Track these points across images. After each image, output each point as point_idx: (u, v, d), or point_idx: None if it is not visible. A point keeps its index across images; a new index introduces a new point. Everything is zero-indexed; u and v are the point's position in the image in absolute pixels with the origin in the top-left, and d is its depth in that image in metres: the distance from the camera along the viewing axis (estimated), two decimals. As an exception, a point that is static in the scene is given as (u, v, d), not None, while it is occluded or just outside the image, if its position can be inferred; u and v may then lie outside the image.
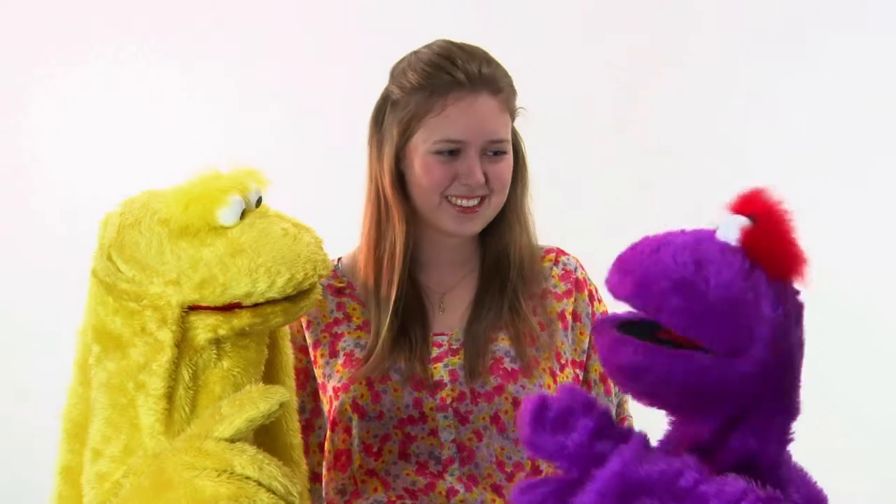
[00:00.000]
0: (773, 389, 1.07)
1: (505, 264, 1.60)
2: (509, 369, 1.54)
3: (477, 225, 1.55)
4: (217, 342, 1.25)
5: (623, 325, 1.14)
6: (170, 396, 1.22)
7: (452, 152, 1.51)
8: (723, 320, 1.03)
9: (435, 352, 1.57)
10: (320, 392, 1.62)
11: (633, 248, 1.12)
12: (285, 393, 1.22)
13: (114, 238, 1.28)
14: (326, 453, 1.60)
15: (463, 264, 1.63)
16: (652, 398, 1.13)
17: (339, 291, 1.65)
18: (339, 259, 1.69)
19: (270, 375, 1.40)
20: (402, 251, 1.56)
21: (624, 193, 2.77)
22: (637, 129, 2.77)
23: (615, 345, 1.11)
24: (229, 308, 1.24)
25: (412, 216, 1.57)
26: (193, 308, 1.24)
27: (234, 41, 2.87)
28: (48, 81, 2.94)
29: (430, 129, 1.52)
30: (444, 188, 1.52)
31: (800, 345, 1.10)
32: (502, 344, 1.56)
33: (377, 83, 1.62)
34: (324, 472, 1.61)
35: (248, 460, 1.15)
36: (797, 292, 1.11)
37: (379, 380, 1.54)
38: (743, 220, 1.07)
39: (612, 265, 1.13)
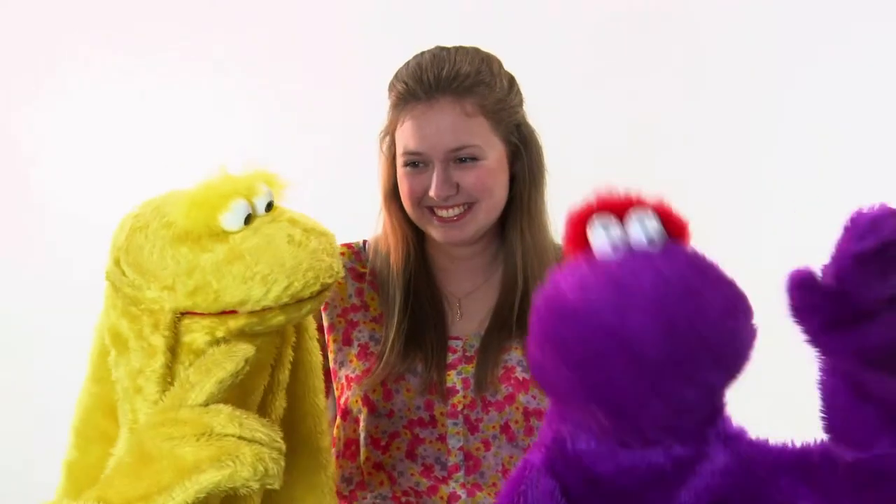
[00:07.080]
0: None
1: (519, 273, 1.55)
2: (521, 379, 1.52)
3: (466, 233, 1.51)
4: (219, 343, 1.22)
5: None
6: None
7: (418, 164, 1.48)
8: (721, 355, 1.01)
9: (449, 357, 1.55)
10: (332, 376, 1.61)
11: (564, 323, 1.05)
12: (249, 348, 1.17)
13: (123, 242, 1.26)
14: (336, 440, 1.59)
15: (481, 270, 1.60)
16: None
17: (360, 276, 1.63)
18: (366, 242, 1.66)
19: (298, 377, 1.37)
20: (400, 260, 1.55)
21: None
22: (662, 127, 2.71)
23: None
24: (224, 314, 1.21)
25: (411, 224, 1.56)
26: (187, 313, 1.21)
27: (242, 42, 2.86)
28: (51, 80, 2.93)
29: (398, 142, 1.50)
30: (418, 200, 1.50)
31: None
32: (515, 353, 1.54)
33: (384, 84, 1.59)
34: (333, 458, 1.58)
35: (225, 419, 1.11)
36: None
37: (393, 378, 1.53)
38: (651, 214, 1.04)
39: (555, 349, 1.05)
